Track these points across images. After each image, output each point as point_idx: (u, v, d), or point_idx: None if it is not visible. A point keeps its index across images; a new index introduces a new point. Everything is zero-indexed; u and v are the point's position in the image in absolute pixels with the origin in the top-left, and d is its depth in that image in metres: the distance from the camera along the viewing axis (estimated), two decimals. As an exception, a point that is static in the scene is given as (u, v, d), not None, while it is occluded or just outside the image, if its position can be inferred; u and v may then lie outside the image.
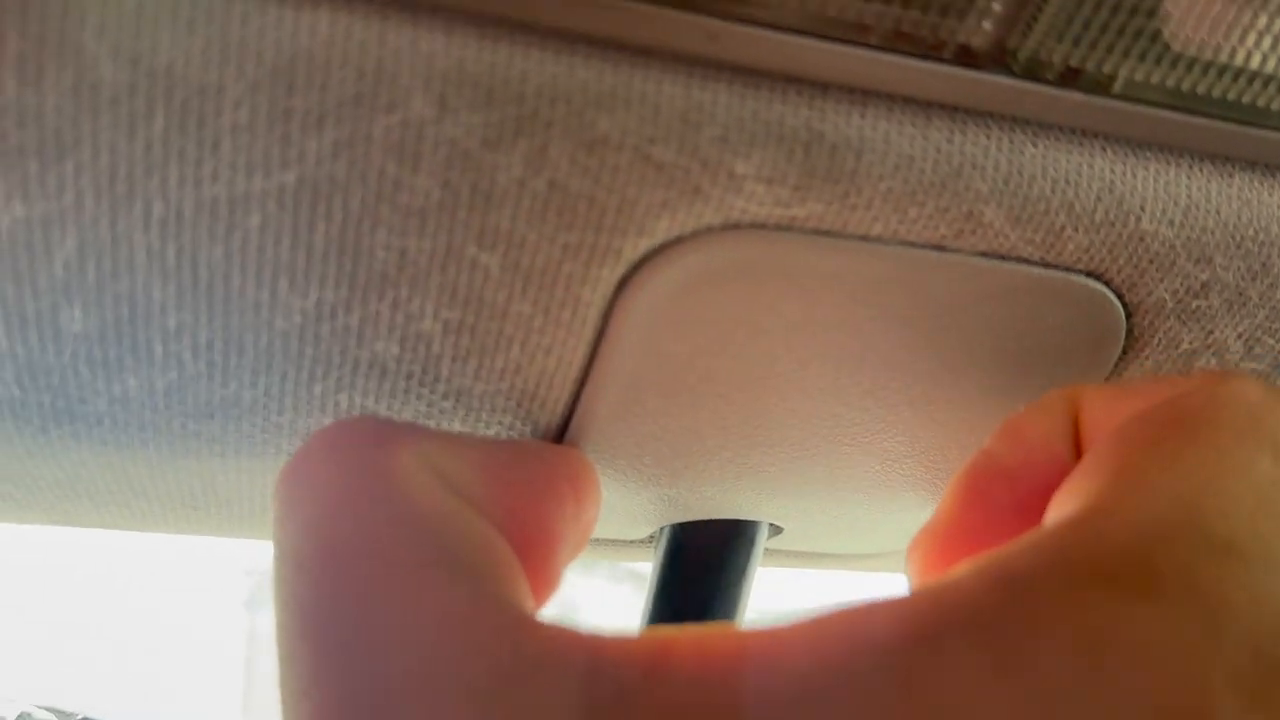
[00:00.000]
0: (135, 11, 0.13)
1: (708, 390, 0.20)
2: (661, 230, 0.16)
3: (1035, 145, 0.17)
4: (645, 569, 0.29)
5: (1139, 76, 0.17)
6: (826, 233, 0.17)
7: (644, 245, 0.17)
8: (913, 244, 0.17)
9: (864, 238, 0.17)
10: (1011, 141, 0.17)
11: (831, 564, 0.28)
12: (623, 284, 0.17)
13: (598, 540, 0.29)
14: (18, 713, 0.34)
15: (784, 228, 0.17)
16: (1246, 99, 0.17)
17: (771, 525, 0.27)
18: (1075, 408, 0.17)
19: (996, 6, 0.15)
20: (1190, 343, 0.20)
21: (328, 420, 0.19)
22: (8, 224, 0.15)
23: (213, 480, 0.22)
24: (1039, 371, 0.20)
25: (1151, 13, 0.16)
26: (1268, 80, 0.17)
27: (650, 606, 0.27)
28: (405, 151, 0.15)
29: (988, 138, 0.17)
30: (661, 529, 0.27)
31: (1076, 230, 0.18)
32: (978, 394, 0.21)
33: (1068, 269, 0.18)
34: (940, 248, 0.17)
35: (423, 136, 0.15)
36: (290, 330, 0.17)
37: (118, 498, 0.22)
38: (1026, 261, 0.18)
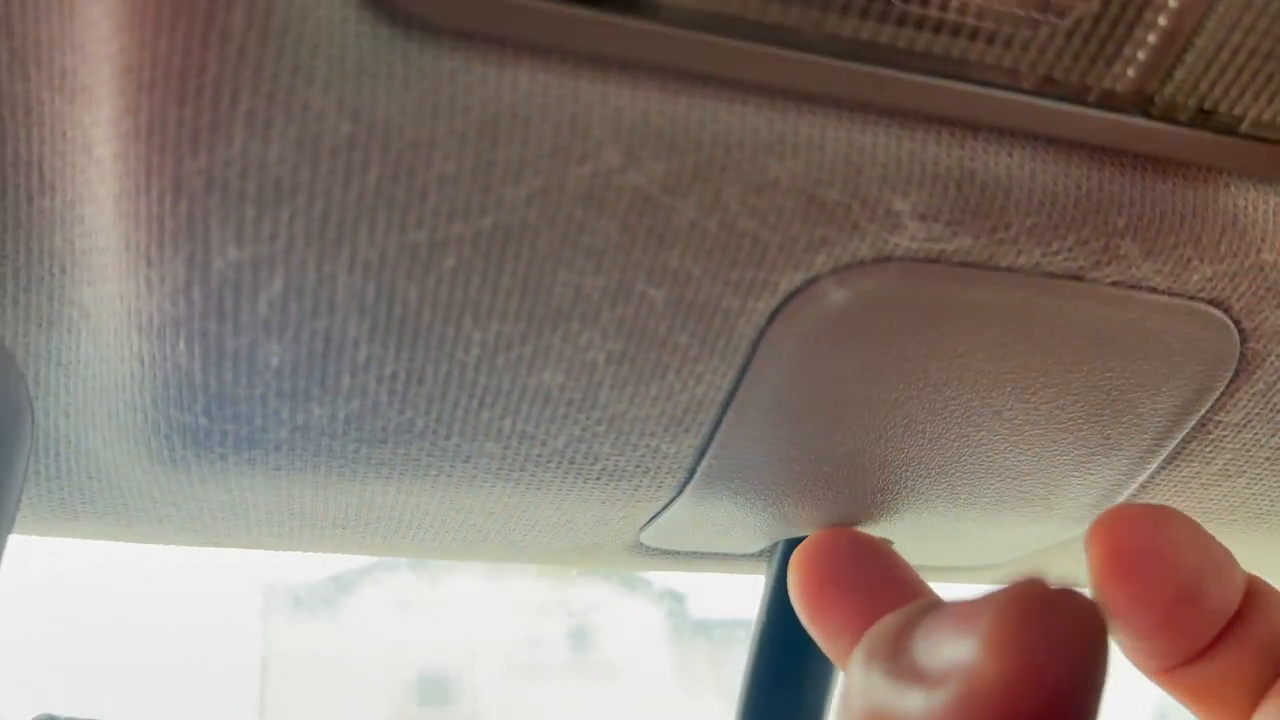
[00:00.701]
0: (357, 68, 0.14)
1: (845, 414, 0.21)
2: (818, 264, 0.17)
3: (1166, 181, 0.18)
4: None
5: (1266, 117, 0.18)
6: (974, 265, 0.18)
7: (800, 279, 0.18)
8: (1053, 274, 0.18)
9: (1009, 269, 0.18)
10: (1145, 178, 0.18)
11: (938, 576, 0.29)
12: (774, 315, 0.18)
13: (710, 554, 0.30)
14: None
15: (933, 260, 0.18)
16: None
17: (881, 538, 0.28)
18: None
19: (1141, 55, 0.16)
20: None
21: (490, 444, 0.20)
22: (219, 266, 0.16)
23: (371, 500, 0.23)
24: (1157, 391, 0.21)
25: (1283, 58, 0.17)
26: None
27: (763, 619, 0.28)
28: (593, 198, 0.16)
29: (1123, 174, 0.18)
30: (775, 544, 0.28)
31: (1202, 261, 0.19)
32: (1098, 412, 0.22)
33: (1191, 298, 0.19)
34: (1078, 278, 0.18)
35: (610, 184, 0.16)
36: (468, 361, 0.18)
37: (275, 518, 0.23)
38: (1155, 291, 0.19)
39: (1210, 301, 0.19)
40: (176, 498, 0.22)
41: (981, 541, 0.28)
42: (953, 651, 0.14)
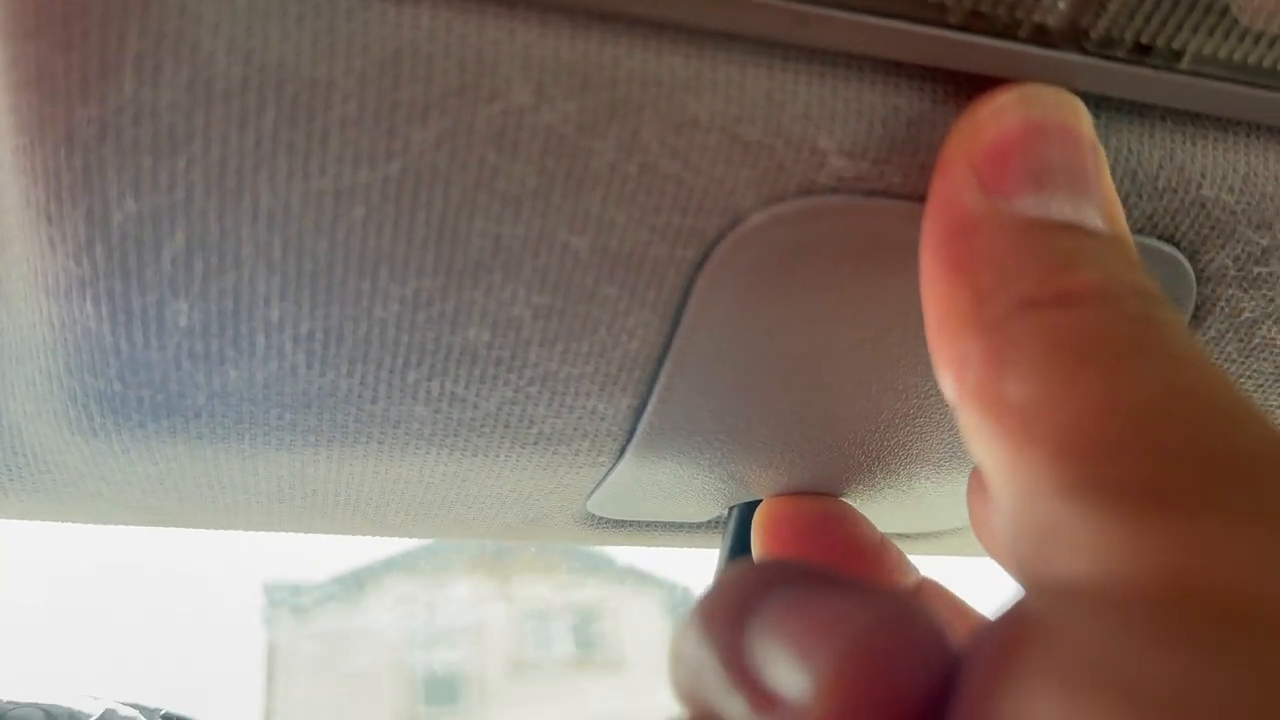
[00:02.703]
0: (248, 7, 0.14)
1: (786, 365, 0.20)
2: (745, 208, 0.17)
3: (1099, 116, 0.17)
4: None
5: (1207, 51, 0.17)
6: (907, 199, 0.17)
7: (726, 223, 0.17)
8: None
9: None
10: None
11: (901, 543, 0.28)
12: (703, 262, 0.18)
13: (665, 525, 0.29)
14: (102, 710, 0.35)
15: (865, 197, 0.17)
16: None
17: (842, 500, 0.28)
18: None
19: None
20: (1252, 310, 0.21)
21: (419, 408, 0.20)
22: (119, 220, 0.15)
23: (303, 471, 0.22)
24: None
25: (1221, -12, 0.16)
26: (1332, 52, 0.17)
27: None
28: (505, 139, 0.15)
29: None
30: (730, 509, 0.28)
31: (1140, 197, 0.18)
32: None
33: (1139, 231, 0.19)
34: None
35: (522, 124, 0.15)
36: (388, 319, 0.18)
37: (206, 493, 0.23)
38: None
39: (1160, 236, 0.19)
40: (103, 471, 0.21)
41: (938, 503, 0.28)
42: (788, 677, 0.14)
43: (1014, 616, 0.12)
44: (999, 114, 0.16)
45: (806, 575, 0.16)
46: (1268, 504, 0.11)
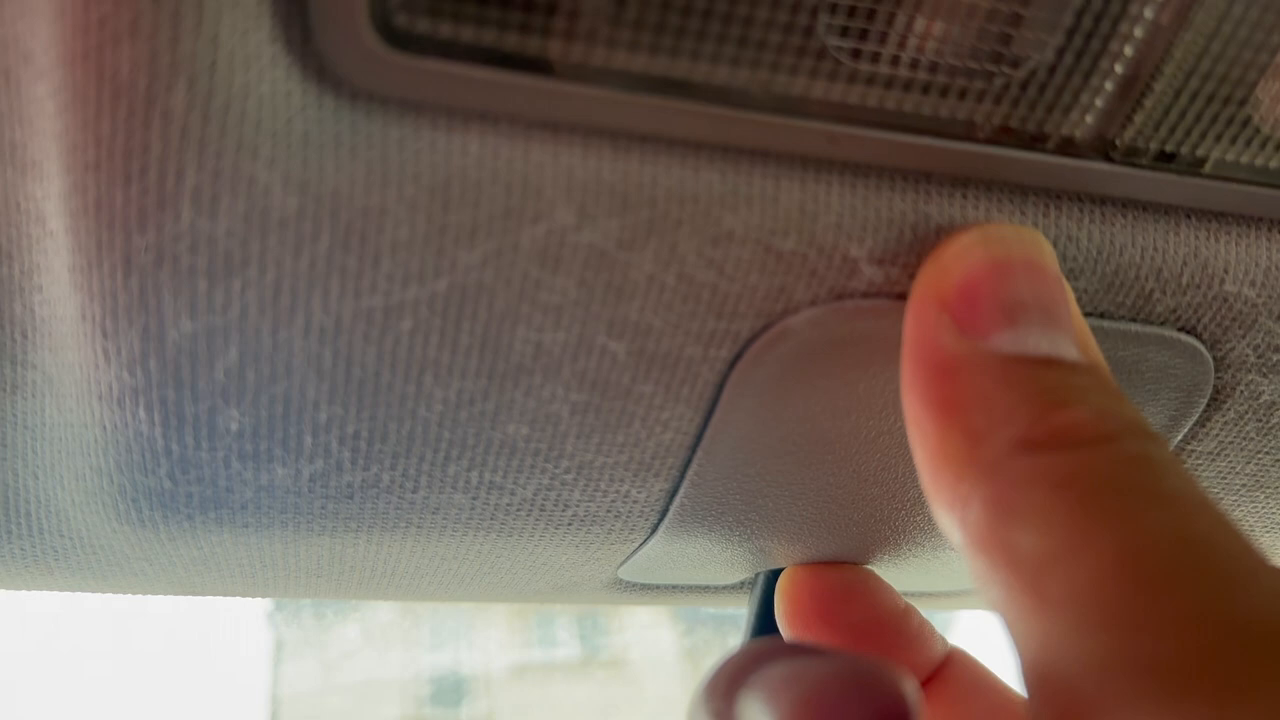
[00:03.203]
0: (302, 142, 0.14)
1: (815, 451, 0.21)
2: (777, 311, 0.17)
3: (1124, 216, 0.18)
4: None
5: (1229, 157, 0.17)
6: None
7: (760, 325, 0.18)
8: None
9: None
10: (1103, 215, 0.18)
11: (922, 602, 0.28)
12: (736, 360, 0.18)
13: (693, 587, 0.30)
14: None
15: (894, 299, 0.17)
16: None
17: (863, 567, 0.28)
18: None
19: (1099, 102, 0.16)
20: (1271, 393, 0.21)
21: (459, 496, 0.20)
22: (174, 338, 0.16)
23: (343, 552, 0.23)
24: None
25: (1244, 101, 0.17)
26: (1351, 156, 0.18)
27: None
28: (548, 257, 0.16)
29: (1080, 211, 0.18)
30: (757, 575, 0.28)
31: (1165, 294, 0.19)
32: None
33: (1162, 323, 0.19)
34: None
35: (564, 242, 0.16)
36: (431, 418, 0.18)
37: (248, 570, 0.23)
38: (1121, 319, 0.19)
39: (1182, 329, 0.19)
40: (148, 554, 0.22)
41: (961, 567, 0.28)
42: None
43: None
44: (963, 254, 0.16)
45: (796, 650, 0.17)
46: None
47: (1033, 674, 0.13)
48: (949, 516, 0.15)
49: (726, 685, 0.17)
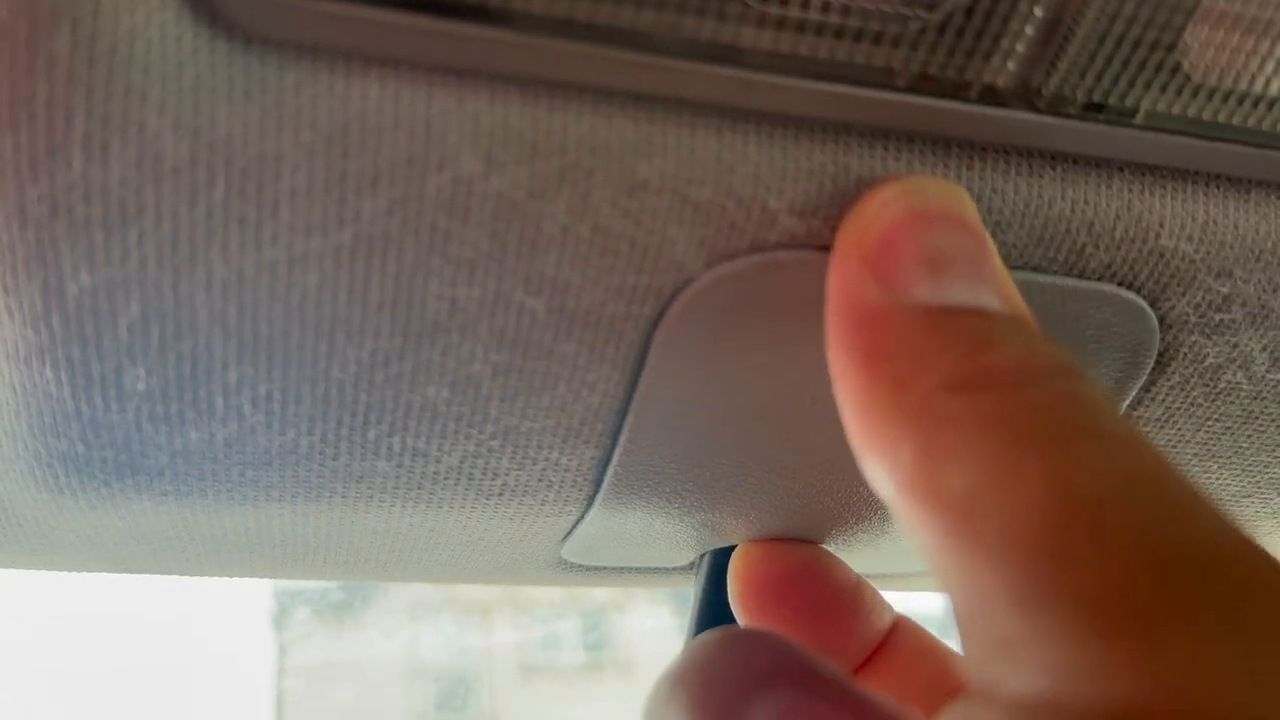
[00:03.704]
0: (194, 87, 0.14)
1: (749, 416, 0.20)
2: (698, 266, 0.17)
3: (1053, 169, 0.17)
4: (686, 592, 0.29)
5: (1160, 107, 0.17)
6: None
7: (681, 280, 0.17)
8: None
9: None
10: (1031, 167, 0.17)
11: (879, 584, 0.28)
12: (660, 318, 0.18)
13: (639, 569, 0.30)
14: None
15: (815, 251, 0.17)
16: (1265, 124, 0.17)
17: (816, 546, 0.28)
18: None
19: (1020, 48, 0.16)
20: (1215, 356, 0.21)
21: (381, 463, 0.20)
22: (74, 292, 0.16)
23: (269, 524, 0.22)
24: None
25: (1172, 47, 0.16)
26: (1286, 105, 0.17)
27: (693, 633, 0.28)
28: (455, 206, 0.15)
29: (1007, 163, 0.17)
30: (703, 555, 0.28)
31: (1098, 248, 0.18)
32: None
33: (1099, 278, 0.19)
34: None
35: (472, 191, 0.15)
36: (346, 379, 0.18)
37: (175, 544, 0.23)
38: (1055, 273, 0.18)
39: (1121, 283, 0.19)
40: (72, 525, 0.21)
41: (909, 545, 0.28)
42: None
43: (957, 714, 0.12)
44: (884, 208, 0.16)
45: (795, 674, 0.16)
46: (1231, 614, 0.11)
47: (965, 617, 0.13)
48: (878, 465, 0.15)
49: (726, 700, 0.16)
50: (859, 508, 0.25)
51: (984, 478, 0.13)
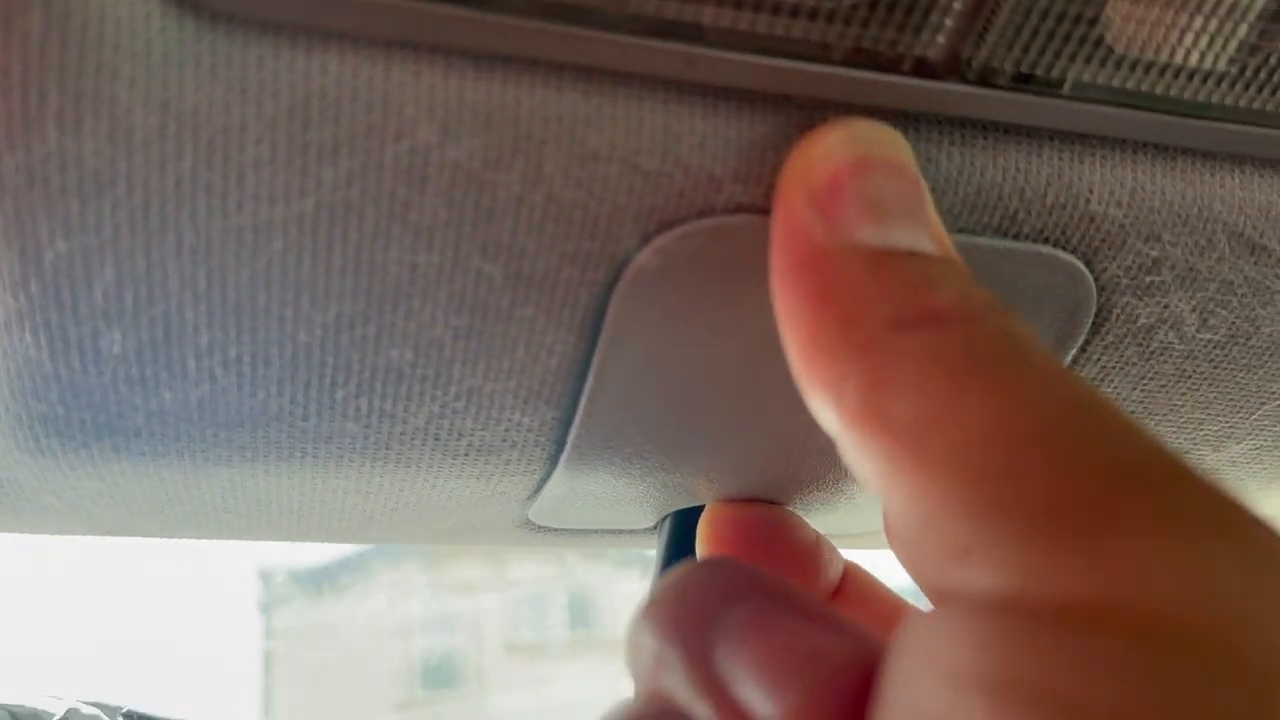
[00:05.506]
0: (162, 63, 0.15)
1: (706, 379, 0.21)
2: (650, 232, 0.18)
3: (985, 138, 0.18)
4: (650, 552, 0.30)
5: (1086, 78, 0.18)
6: None
7: (633, 246, 0.18)
8: None
9: None
10: (963, 137, 0.18)
11: (844, 544, 0.29)
12: (614, 283, 0.19)
13: (605, 531, 0.30)
14: (65, 709, 0.36)
15: (761, 215, 0.18)
16: (1187, 94, 0.18)
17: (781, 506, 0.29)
18: None
19: (949, 21, 0.17)
20: (1147, 317, 0.22)
21: (350, 424, 0.21)
22: (51, 258, 0.16)
23: (244, 485, 0.23)
24: None
25: (1094, 21, 0.17)
26: (1205, 76, 0.18)
27: None
28: (413, 175, 0.16)
29: (940, 133, 0.18)
30: (665, 517, 0.29)
31: (1030, 214, 0.19)
32: None
33: (1035, 240, 0.20)
34: None
35: (429, 161, 0.16)
36: (312, 342, 0.18)
37: (154, 506, 0.24)
38: (990, 235, 0.19)
39: (1057, 244, 0.20)
40: (53, 487, 0.22)
41: (868, 504, 0.29)
42: (758, 700, 0.15)
43: (919, 620, 0.13)
44: (829, 153, 0.17)
45: (764, 588, 0.17)
46: (1169, 516, 0.12)
47: (917, 533, 0.14)
48: (824, 398, 0.15)
49: (693, 617, 0.17)
50: (816, 469, 0.26)
51: (931, 406, 0.14)
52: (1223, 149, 0.20)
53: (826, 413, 0.15)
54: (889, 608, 0.26)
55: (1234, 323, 0.22)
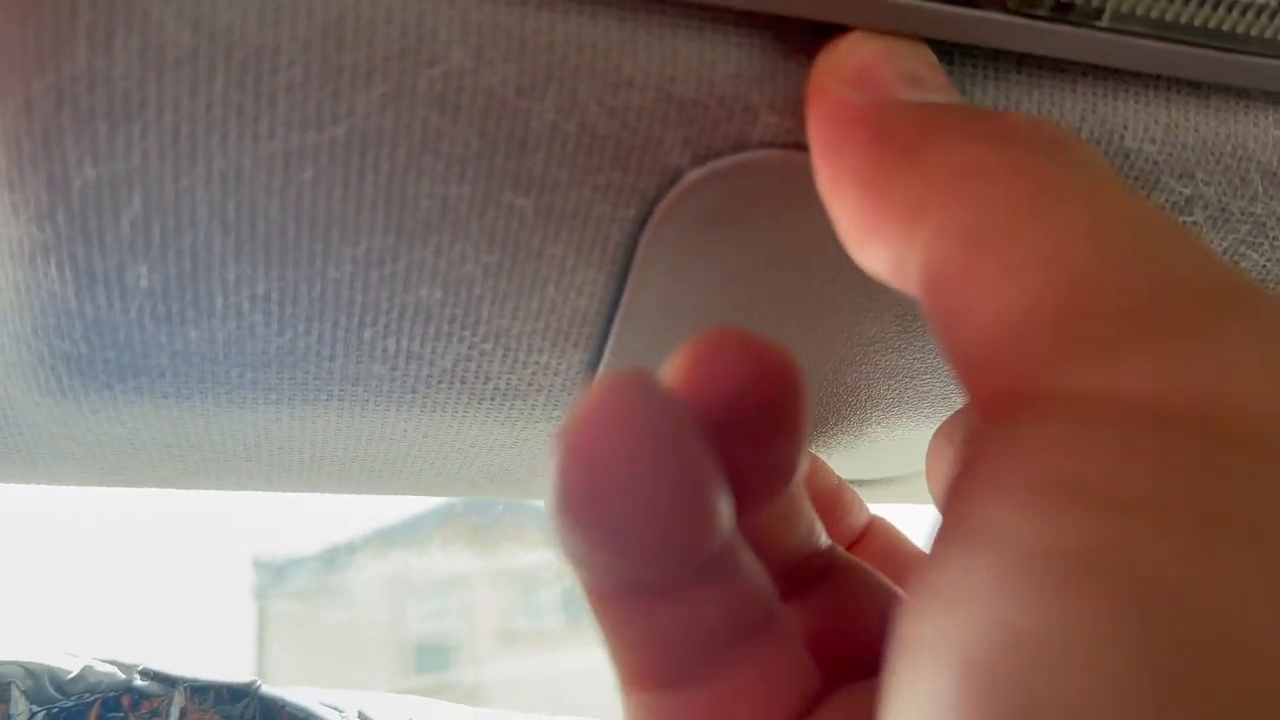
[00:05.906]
0: None
1: (735, 317, 0.21)
2: (683, 165, 0.18)
3: (1020, 72, 0.18)
4: None
5: (1125, 8, 0.18)
6: None
7: (665, 181, 0.18)
8: None
9: None
10: (998, 69, 0.18)
11: (861, 491, 0.29)
12: (647, 220, 0.18)
13: None
14: (80, 666, 0.36)
15: (795, 150, 0.18)
16: (1226, 26, 0.18)
17: None
18: None
19: None
20: None
21: (377, 365, 0.20)
22: (79, 185, 0.16)
23: (267, 430, 0.23)
24: None
25: (1135, -54, 0.17)
26: (1246, 7, 0.18)
27: None
28: (447, 102, 0.16)
29: (975, 67, 0.18)
30: None
31: None
32: None
33: None
34: None
35: (462, 86, 0.16)
36: (342, 278, 0.18)
37: (175, 452, 0.24)
38: None
39: None
40: (73, 432, 0.22)
41: (889, 448, 0.29)
42: None
43: (988, 434, 0.12)
44: (856, 45, 0.16)
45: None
46: (1254, 328, 0.11)
47: (983, 344, 0.13)
48: (896, 245, 0.14)
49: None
50: (841, 409, 0.26)
51: (1019, 215, 0.13)
52: (1258, 85, 0.19)
53: (894, 258, 0.14)
54: (913, 562, 0.26)
55: (1265, 265, 0.22)
